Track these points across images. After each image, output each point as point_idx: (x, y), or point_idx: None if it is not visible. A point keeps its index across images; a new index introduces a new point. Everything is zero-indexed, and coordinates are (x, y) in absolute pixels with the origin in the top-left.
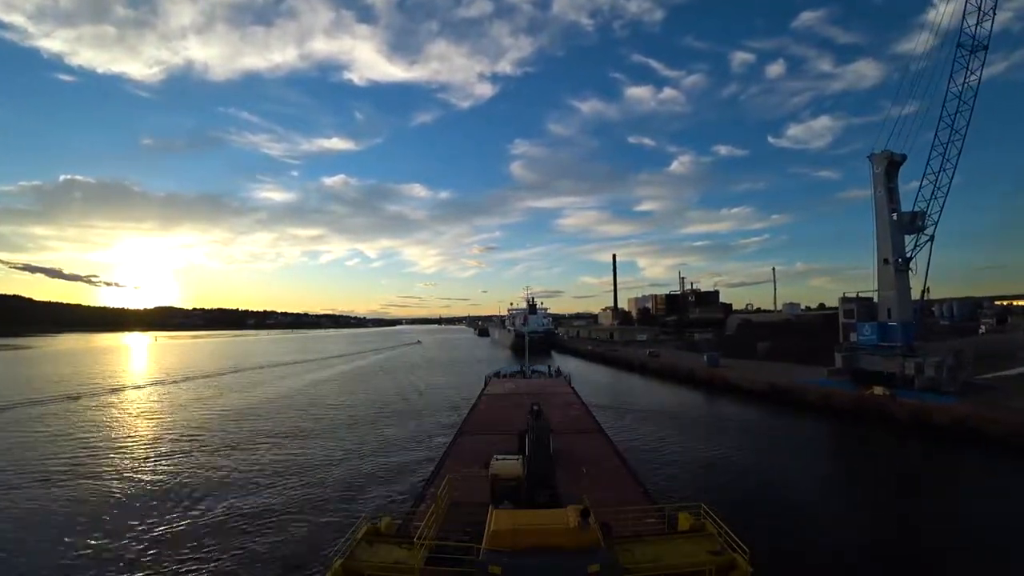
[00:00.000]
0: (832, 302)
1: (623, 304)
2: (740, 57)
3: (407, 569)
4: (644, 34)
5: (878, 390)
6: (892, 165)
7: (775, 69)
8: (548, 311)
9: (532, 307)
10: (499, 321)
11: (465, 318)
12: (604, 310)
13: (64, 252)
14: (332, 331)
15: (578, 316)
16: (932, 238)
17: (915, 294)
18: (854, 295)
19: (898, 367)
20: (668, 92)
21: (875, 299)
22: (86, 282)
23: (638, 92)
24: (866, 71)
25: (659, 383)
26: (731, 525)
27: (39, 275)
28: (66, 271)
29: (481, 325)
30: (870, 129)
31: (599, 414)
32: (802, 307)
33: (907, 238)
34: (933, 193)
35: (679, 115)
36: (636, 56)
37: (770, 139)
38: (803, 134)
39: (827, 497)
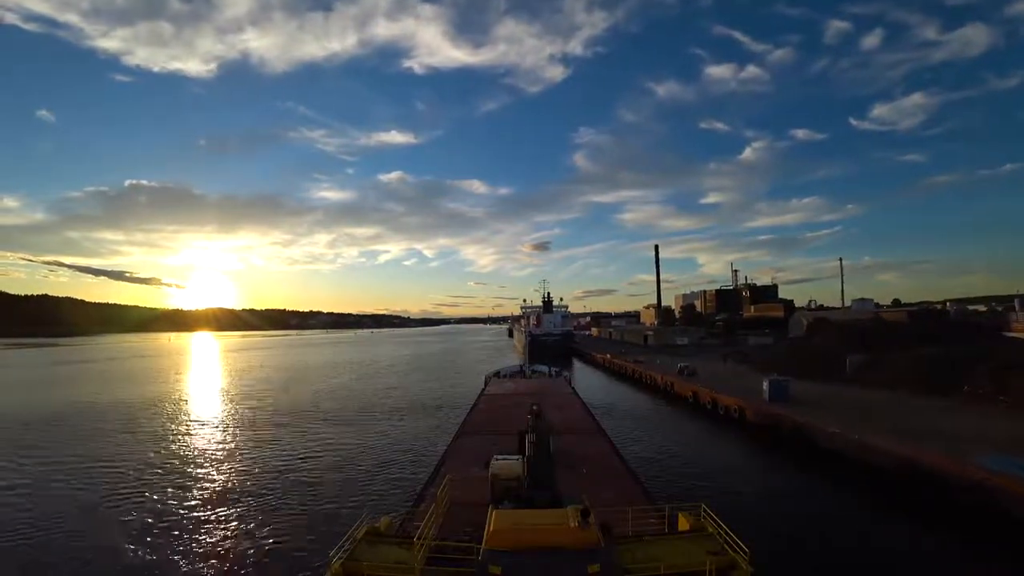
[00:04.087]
0: (908, 297)
1: (670, 302)
2: (835, 26)
3: (407, 569)
4: (731, 2)
5: None
6: None
7: (871, 40)
8: (567, 309)
9: (548, 305)
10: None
11: (510, 317)
12: (646, 308)
13: (134, 256)
14: (366, 331)
15: (626, 315)
16: None
17: None
18: None
19: None
20: (751, 70)
21: None
22: (147, 284)
23: (718, 71)
24: (973, 37)
25: (683, 428)
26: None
27: (102, 278)
28: (136, 274)
29: (509, 325)
30: (971, 104)
31: None
32: (874, 303)
33: None
34: None
35: (759, 95)
36: (719, 29)
37: (852, 121)
38: (890, 114)
39: None
